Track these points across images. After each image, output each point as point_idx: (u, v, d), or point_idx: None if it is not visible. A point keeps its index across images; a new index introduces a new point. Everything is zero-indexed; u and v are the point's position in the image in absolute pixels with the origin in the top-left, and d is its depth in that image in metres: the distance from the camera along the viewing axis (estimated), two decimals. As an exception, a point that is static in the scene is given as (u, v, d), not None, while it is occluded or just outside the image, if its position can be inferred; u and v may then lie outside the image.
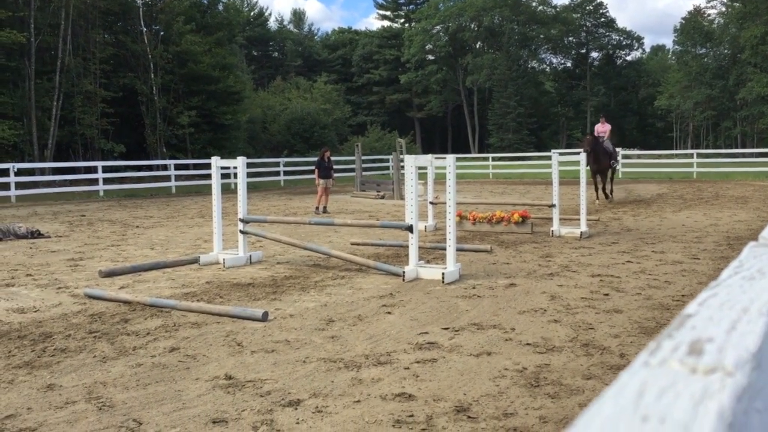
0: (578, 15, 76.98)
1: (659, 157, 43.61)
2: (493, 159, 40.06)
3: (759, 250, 1.27)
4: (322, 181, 18.07)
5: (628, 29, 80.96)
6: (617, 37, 79.80)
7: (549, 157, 14.63)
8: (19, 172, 24.47)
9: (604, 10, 78.04)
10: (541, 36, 75.98)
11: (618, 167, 25.19)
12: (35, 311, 6.83)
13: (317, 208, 17.96)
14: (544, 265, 9.23)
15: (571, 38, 78.41)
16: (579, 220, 12.46)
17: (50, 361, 5.14)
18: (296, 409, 4.11)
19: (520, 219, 12.75)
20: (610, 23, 78.62)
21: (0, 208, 20.04)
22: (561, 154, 18.56)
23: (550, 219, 12.78)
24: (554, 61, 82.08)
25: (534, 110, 70.57)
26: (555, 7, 77.28)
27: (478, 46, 75.41)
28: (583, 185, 12.49)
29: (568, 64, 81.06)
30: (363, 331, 5.92)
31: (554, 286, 7.81)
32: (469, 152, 65.34)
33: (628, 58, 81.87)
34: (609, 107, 71.53)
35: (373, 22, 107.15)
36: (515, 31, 73.64)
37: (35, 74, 31.09)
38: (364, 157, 30.77)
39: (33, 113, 30.89)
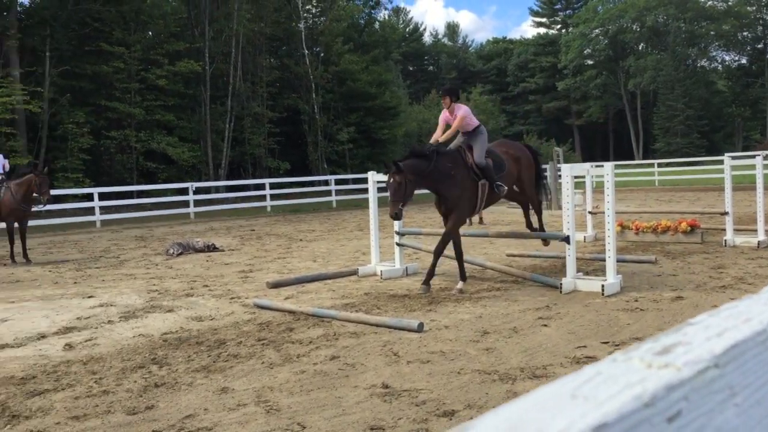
0: (753, 8, 71.32)
1: None
2: (659, 165, 38.01)
3: None
4: None
5: (812, 19, 73.91)
6: (799, 29, 73.09)
7: (722, 161, 11.84)
8: (197, 191, 26.52)
9: (784, 1, 71.82)
10: (712, 33, 71.16)
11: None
12: (211, 319, 7.39)
13: (470, 219, 17.94)
14: (715, 277, 8.64)
15: (745, 33, 72.77)
16: (756, 228, 11.54)
17: (224, 366, 5.54)
18: (451, 419, 4.16)
19: (689, 228, 12.02)
20: (791, 14, 72.17)
21: (181, 224, 21.82)
22: (735, 157, 16.76)
23: (723, 228, 11.94)
24: (727, 58, 76.58)
25: (704, 112, 66.12)
26: (727, 1, 72.16)
27: (640, 48, 72.04)
28: (760, 191, 11.56)
29: (743, 61, 75.23)
30: (518, 343, 5.86)
31: (727, 299, 7.29)
32: (633, 159, 62.40)
33: (813, 50, 74.70)
34: (791, 105, 65.55)
35: (527, 29, 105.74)
36: (682, 30, 69.55)
37: (210, 100, 33.66)
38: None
39: (208, 136, 33.44)
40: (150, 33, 33.31)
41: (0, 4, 29.97)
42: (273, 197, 28.17)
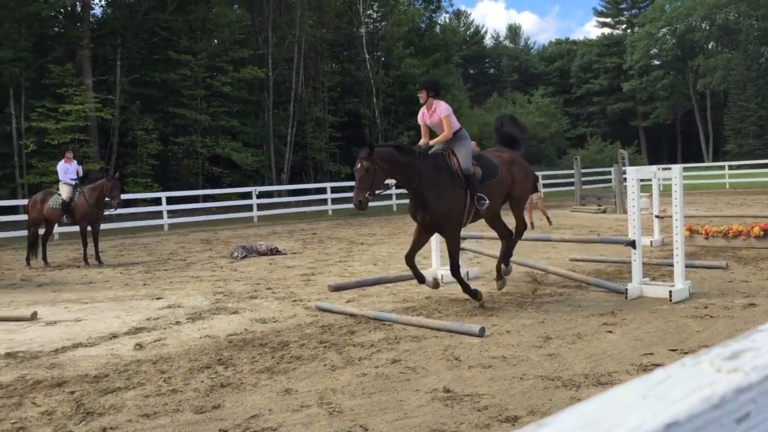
0: (833, 1, 68.29)
1: None
2: (730, 167, 36.73)
3: None
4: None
5: None
6: None
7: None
8: (260, 195, 26.98)
9: None
10: (785, 29, 68.44)
11: None
12: (274, 321, 7.52)
13: (531, 223, 17.76)
14: (790, 284, 8.31)
15: (822, 29, 69.72)
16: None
17: (287, 368, 5.63)
18: (513, 425, 4.12)
19: (762, 233, 11.59)
20: None
21: (244, 228, 22.25)
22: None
23: (799, 232, 11.47)
24: (804, 55, 73.41)
25: (778, 112, 63.59)
26: (802, -4, 69.33)
27: (710, 47, 69.81)
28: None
29: (822, 58, 72.05)
30: (582, 349, 5.76)
31: (803, 307, 7.01)
32: (702, 161, 60.46)
33: None
34: None
35: (591, 30, 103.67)
36: (754, 27, 67.09)
37: (273, 105, 34.25)
38: (583, 170, 29.79)
39: (271, 141, 34.03)
40: (215, 41, 34.10)
41: (74, 15, 31.20)
42: (334, 201, 28.43)
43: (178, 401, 4.89)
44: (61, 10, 31.16)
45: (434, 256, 10.24)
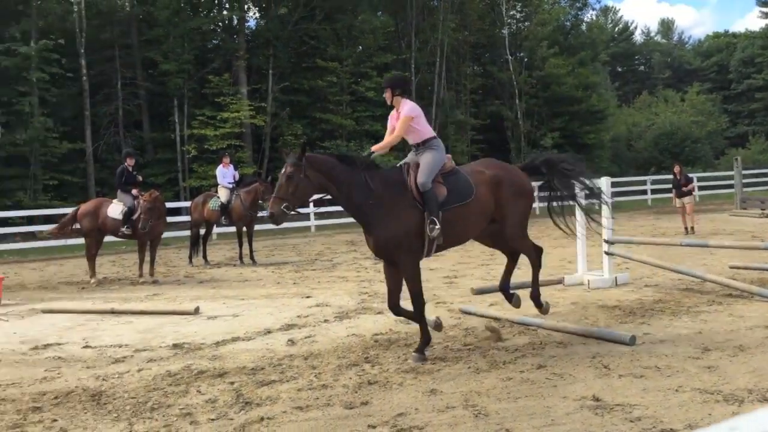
0: None
1: None
2: None
3: None
4: (677, 200, 17.11)
5: None
6: None
7: None
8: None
9: None
10: None
11: None
12: (418, 322, 7.62)
13: (691, 228, 16.82)
14: None
15: None
16: None
17: (432, 368, 5.70)
18: (668, 439, 3.95)
19: None
20: None
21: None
22: None
23: None
24: None
25: None
26: None
27: None
28: None
29: None
30: (745, 362, 5.40)
31: None
32: None
33: None
34: None
35: (754, 21, 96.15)
36: None
37: (415, 109, 34.65)
38: (744, 172, 27.77)
39: (413, 145, 34.46)
40: (360, 47, 34.98)
41: (231, 28, 33.18)
42: (476, 204, 28.28)
43: (329, 396, 5.10)
44: (220, 23, 33.22)
45: (580, 260, 9.96)
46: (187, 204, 18.90)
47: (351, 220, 25.24)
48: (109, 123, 29.05)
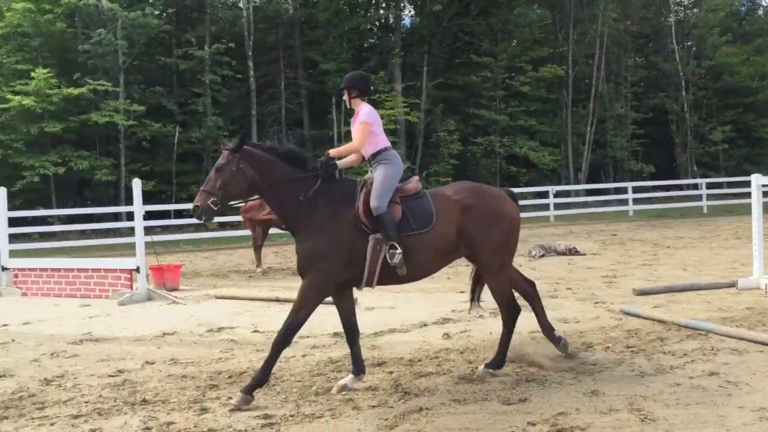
0: None
1: None
2: None
3: None
4: None
5: None
6: None
7: None
8: (557, 194, 26.67)
9: None
10: None
11: None
12: (576, 322, 7.44)
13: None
14: None
15: None
16: None
17: (592, 369, 5.55)
18: None
19: None
20: None
21: (540, 227, 22.21)
22: None
23: None
24: None
25: None
26: None
27: None
28: None
29: None
30: None
31: None
32: None
33: None
34: None
35: None
36: None
37: (571, 103, 33.66)
38: None
39: (569, 139, 33.49)
40: (515, 41, 34.47)
41: (387, 27, 33.86)
42: (635, 201, 27.04)
43: (486, 391, 5.10)
44: (376, 23, 34.00)
45: (756, 264, 9.25)
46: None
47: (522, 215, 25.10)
48: (273, 122, 30.64)
